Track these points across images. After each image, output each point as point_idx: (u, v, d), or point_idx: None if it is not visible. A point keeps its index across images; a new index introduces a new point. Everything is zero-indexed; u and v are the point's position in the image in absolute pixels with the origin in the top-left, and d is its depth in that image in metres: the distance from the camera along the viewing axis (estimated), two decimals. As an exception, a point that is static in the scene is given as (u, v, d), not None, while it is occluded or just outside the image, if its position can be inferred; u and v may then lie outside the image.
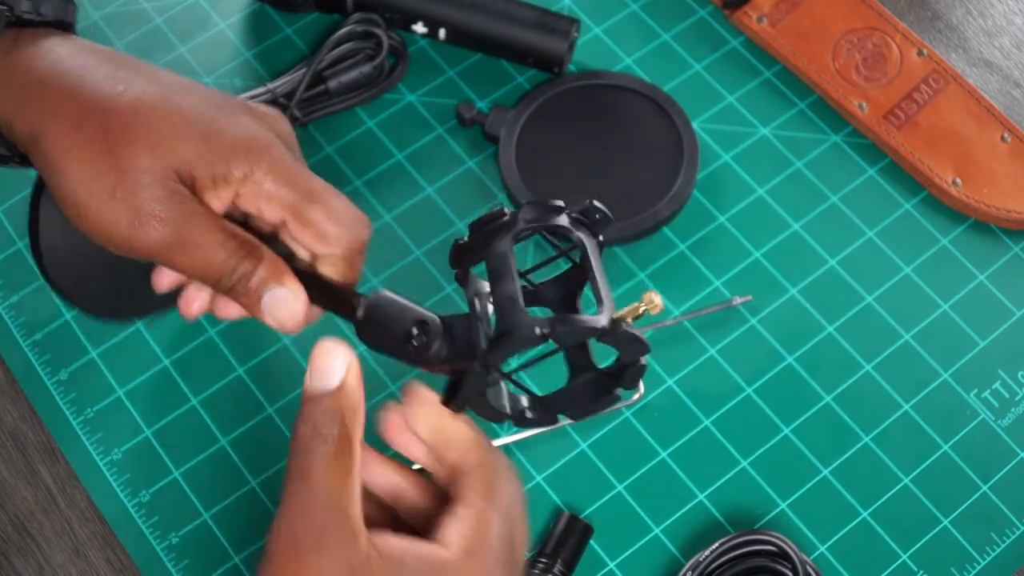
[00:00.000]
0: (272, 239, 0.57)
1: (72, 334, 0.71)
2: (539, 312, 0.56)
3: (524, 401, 0.54)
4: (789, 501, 0.67)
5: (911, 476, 0.67)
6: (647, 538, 0.66)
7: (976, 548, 0.66)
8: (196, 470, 0.68)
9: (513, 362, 0.67)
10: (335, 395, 0.51)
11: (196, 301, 0.58)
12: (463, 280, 0.55)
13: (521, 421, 0.54)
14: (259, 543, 0.66)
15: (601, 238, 0.53)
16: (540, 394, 0.55)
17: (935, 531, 0.66)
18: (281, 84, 0.75)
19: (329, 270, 0.57)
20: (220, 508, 0.67)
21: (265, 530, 0.66)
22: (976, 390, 0.69)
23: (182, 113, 0.54)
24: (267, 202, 0.55)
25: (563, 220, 0.53)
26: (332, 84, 0.75)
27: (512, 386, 0.54)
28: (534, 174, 0.74)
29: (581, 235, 0.53)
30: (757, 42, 0.79)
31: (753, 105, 0.77)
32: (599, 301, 0.51)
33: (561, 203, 0.53)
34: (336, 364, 0.51)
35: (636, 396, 0.69)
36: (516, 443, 0.68)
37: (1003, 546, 0.66)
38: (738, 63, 0.79)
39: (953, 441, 0.68)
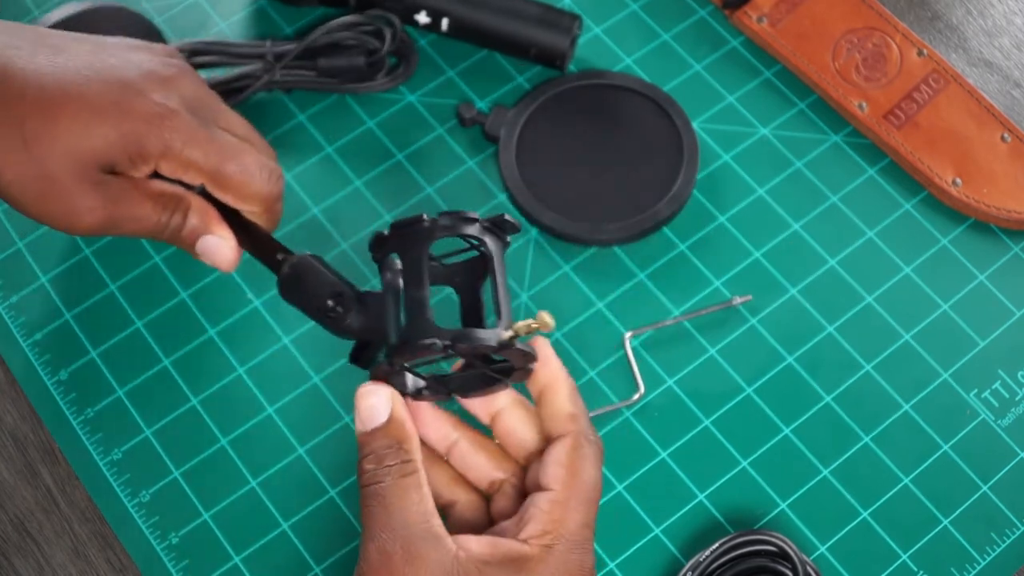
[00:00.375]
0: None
1: (72, 334, 0.71)
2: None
3: (421, 381, 0.58)
4: (789, 501, 0.67)
5: (911, 476, 0.67)
6: (647, 538, 0.66)
7: (976, 548, 0.66)
8: (196, 470, 0.68)
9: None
10: (388, 427, 0.55)
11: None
12: (380, 262, 0.59)
13: (417, 396, 0.58)
14: (259, 543, 0.66)
15: (508, 239, 0.59)
16: (436, 375, 0.59)
17: (935, 531, 0.66)
18: (280, 46, 0.76)
19: (253, 219, 0.64)
20: (220, 508, 0.67)
21: (265, 530, 0.66)
22: (976, 390, 0.69)
23: (90, 103, 0.58)
24: (185, 171, 0.60)
25: (474, 229, 0.57)
26: (322, 63, 0.76)
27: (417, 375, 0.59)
28: (534, 174, 0.74)
29: (489, 241, 0.58)
30: (757, 42, 0.79)
31: (753, 105, 0.77)
32: (498, 312, 0.56)
33: (475, 215, 0.58)
34: (381, 402, 0.55)
35: (636, 396, 0.69)
36: (516, 443, 0.68)
37: (1003, 546, 0.66)
38: (738, 63, 0.79)
39: (953, 441, 0.68)
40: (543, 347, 0.58)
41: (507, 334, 0.55)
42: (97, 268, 0.73)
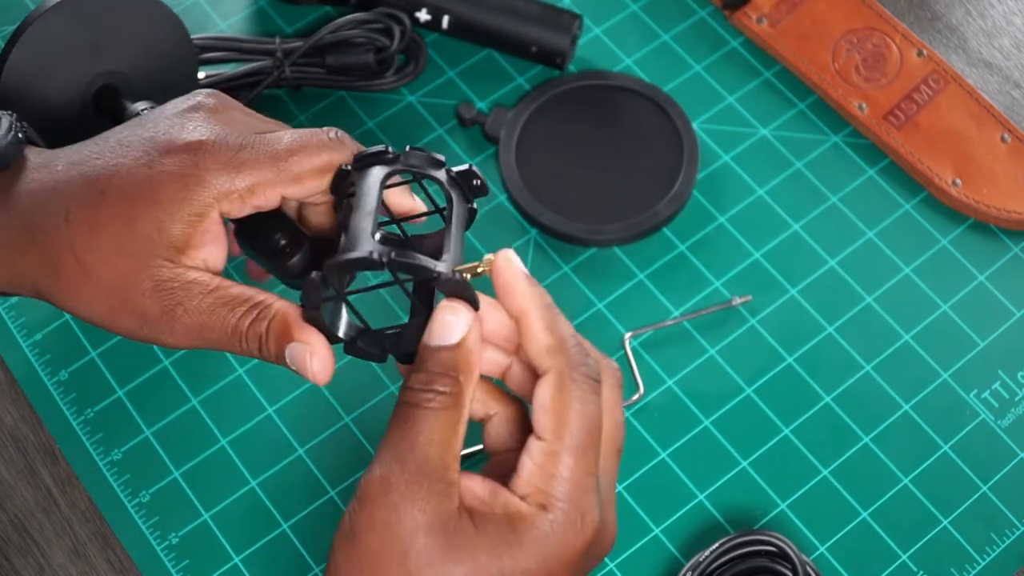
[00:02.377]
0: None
1: (72, 334, 0.71)
2: None
3: (356, 332, 0.54)
4: (789, 501, 0.67)
5: (911, 476, 0.67)
6: (647, 538, 0.66)
7: (976, 548, 0.66)
8: (196, 470, 0.68)
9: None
10: (454, 350, 0.50)
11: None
12: (338, 206, 0.56)
13: (351, 348, 0.54)
14: (259, 543, 0.66)
15: (474, 205, 0.55)
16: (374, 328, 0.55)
17: (935, 531, 0.66)
18: (290, 43, 0.75)
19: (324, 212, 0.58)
20: (220, 508, 0.67)
21: (265, 530, 0.66)
22: (976, 390, 0.69)
23: (125, 194, 0.54)
24: (255, 199, 0.55)
25: (441, 175, 0.54)
26: (330, 60, 0.76)
27: (353, 317, 0.55)
28: (534, 174, 0.74)
29: (453, 194, 0.54)
30: (757, 42, 0.79)
31: (753, 105, 0.77)
32: (445, 250, 0.52)
33: (442, 158, 0.54)
34: (459, 321, 0.51)
35: (636, 396, 0.69)
36: (516, 443, 0.68)
37: (1003, 546, 0.66)
38: (738, 63, 0.79)
39: (953, 441, 0.68)
40: (505, 271, 0.51)
41: (455, 267, 0.51)
42: (97, 268, 0.73)
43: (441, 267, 0.51)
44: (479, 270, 0.51)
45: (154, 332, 0.54)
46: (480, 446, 0.67)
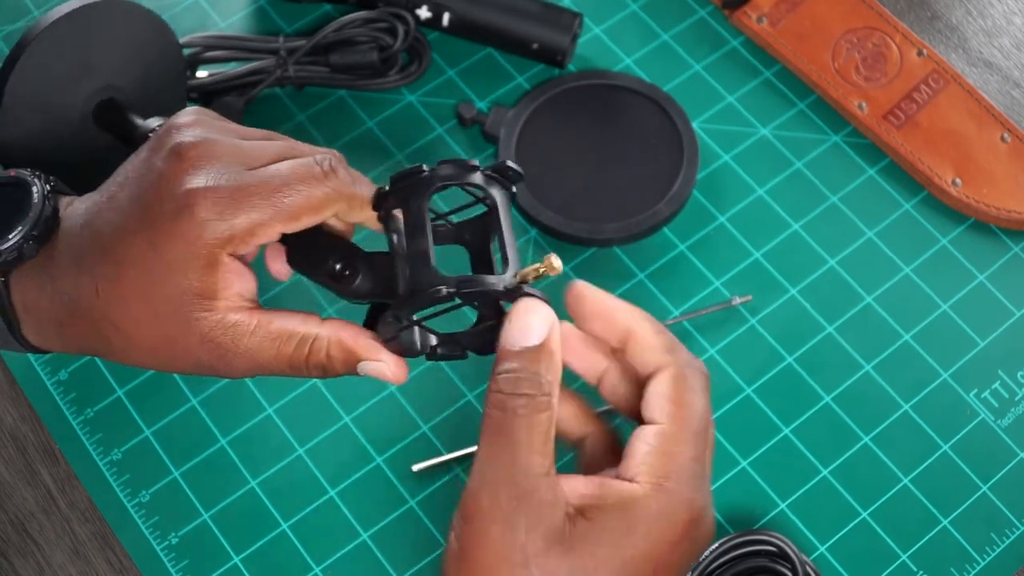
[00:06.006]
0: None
1: (72, 334, 0.71)
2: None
3: (434, 339, 0.56)
4: (789, 501, 0.67)
5: (911, 476, 0.67)
6: (647, 538, 0.66)
7: (976, 548, 0.66)
8: (196, 470, 0.68)
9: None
10: (537, 351, 0.51)
11: (276, 262, 0.59)
12: (384, 220, 0.57)
13: (432, 355, 0.56)
14: (259, 543, 0.66)
15: (515, 189, 0.56)
16: (449, 332, 0.57)
17: (935, 531, 0.66)
18: (293, 42, 0.75)
19: (340, 220, 0.58)
20: (220, 508, 0.67)
21: (265, 530, 0.66)
22: (976, 390, 0.69)
23: (138, 260, 0.54)
24: (258, 239, 0.54)
25: (477, 178, 0.55)
26: (333, 58, 0.76)
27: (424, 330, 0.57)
28: (534, 174, 0.74)
29: (494, 192, 0.55)
30: (757, 42, 0.79)
31: (753, 105, 0.77)
32: (505, 260, 0.54)
33: (476, 162, 0.55)
34: (538, 322, 0.51)
35: (636, 396, 0.69)
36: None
37: (1003, 546, 0.66)
38: (738, 63, 0.79)
39: (953, 441, 0.68)
40: (605, 298, 0.54)
41: (513, 278, 0.53)
42: (97, 268, 0.73)
43: (505, 281, 0.53)
44: (540, 271, 0.52)
45: (213, 372, 0.56)
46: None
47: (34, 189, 0.57)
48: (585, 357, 0.55)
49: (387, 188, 0.56)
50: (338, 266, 0.56)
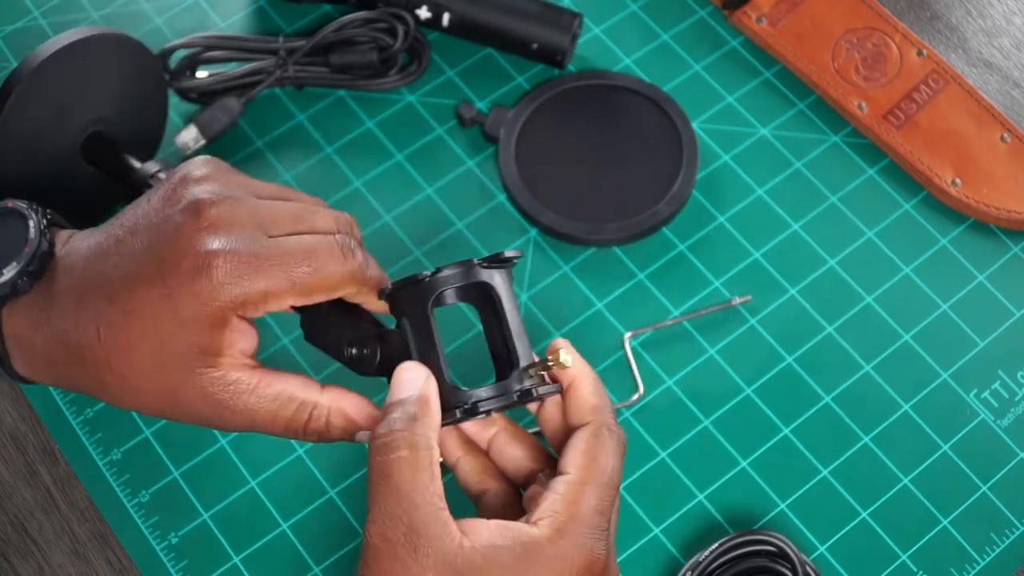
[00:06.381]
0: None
1: (72, 334, 0.71)
2: None
3: (459, 414, 0.57)
4: (789, 501, 0.67)
5: (911, 476, 0.67)
6: (647, 538, 0.66)
7: (976, 548, 0.66)
8: (196, 470, 0.68)
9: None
10: (414, 401, 0.54)
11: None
12: (394, 314, 0.58)
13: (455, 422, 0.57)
14: (259, 543, 0.66)
15: (514, 263, 0.58)
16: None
17: (935, 531, 0.66)
18: (293, 42, 0.75)
19: (357, 298, 0.59)
20: (220, 508, 0.67)
21: (265, 530, 0.66)
22: (976, 390, 0.69)
23: (148, 311, 0.54)
24: (265, 304, 0.55)
25: (475, 275, 0.56)
26: (333, 59, 0.76)
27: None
28: (534, 174, 0.74)
29: (496, 279, 0.57)
30: (757, 42, 0.79)
31: (753, 105, 0.77)
32: (515, 357, 0.56)
33: (474, 261, 0.56)
34: (417, 377, 0.55)
35: (636, 396, 0.69)
36: (516, 443, 0.68)
37: (1003, 546, 0.66)
38: (738, 63, 0.79)
39: (953, 441, 0.68)
40: (567, 349, 0.57)
41: (523, 385, 0.56)
42: (97, 268, 0.73)
43: (516, 388, 0.55)
44: (549, 364, 0.56)
45: (210, 424, 0.57)
46: None
47: (31, 223, 0.57)
48: (470, 427, 0.58)
49: (389, 290, 0.57)
50: (353, 350, 0.58)
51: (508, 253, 0.57)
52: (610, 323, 0.71)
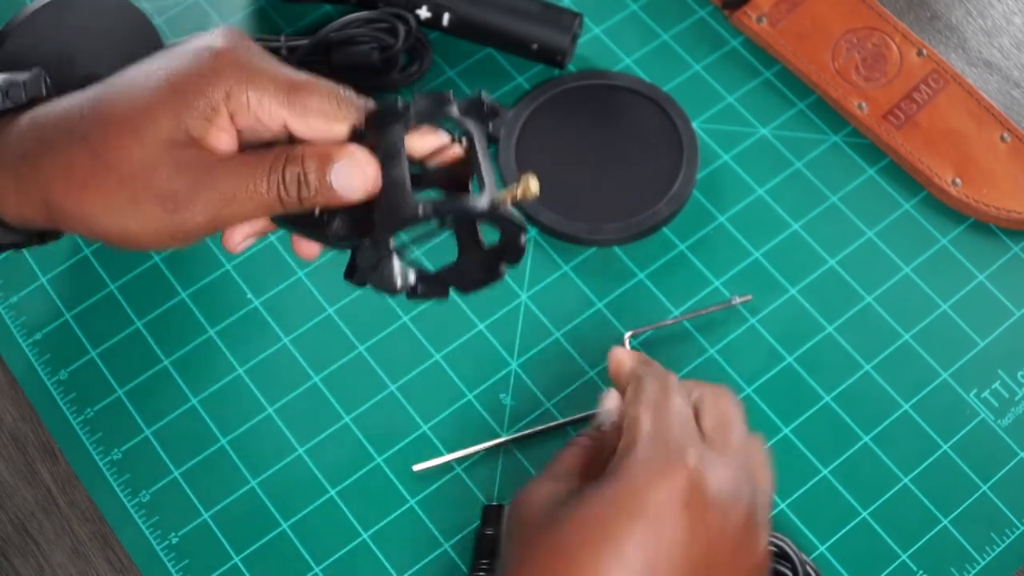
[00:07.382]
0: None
1: (72, 334, 0.71)
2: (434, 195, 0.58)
3: (413, 277, 0.56)
4: (789, 501, 0.67)
5: (911, 476, 0.67)
6: (647, 538, 0.66)
7: (976, 548, 0.66)
8: (196, 470, 0.68)
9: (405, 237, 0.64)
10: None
11: (237, 234, 0.58)
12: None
13: (413, 295, 0.56)
14: (259, 543, 0.66)
15: (491, 127, 0.56)
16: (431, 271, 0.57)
17: (935, 531, 0.66)
18: (295, 41, 0.76)
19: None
20: (220, 508, 0.67)
21: (265, 530, 0.66)
22: (976, 390, 0.69)
23: (141, 88, 0.54)
24: (261, 111, 0.55)
25: (453, 111, 0.56)
26: (334, 58, 0.76)
27: (406, 263, 0.57)
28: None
29: (470, 125, 0.56)
30: (757, 42, 0.79)
31: (753, 105, 0.77)
32: (481, 184, 0.55)
33: (449, 94, 0.55)
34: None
35: (636, 396, 0.69)
36: (516, 443, 0.68)
37: (1003, 546, 0.66)
38: (738, 63, 0.79)
39: (953, 441, 0.68)
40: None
41: (494, 196, 0.54)
42: (97, 268, 0.73)
43: (483, 201, 0.54)
44: (517, 192, 0.54)
45: (179, 213, 0.54)
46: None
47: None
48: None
49: (362, 127, 0.55)
50: (316, 211, 0.55)
51: (487, 99, 0.56)
52: (610, 323, 0.71)
